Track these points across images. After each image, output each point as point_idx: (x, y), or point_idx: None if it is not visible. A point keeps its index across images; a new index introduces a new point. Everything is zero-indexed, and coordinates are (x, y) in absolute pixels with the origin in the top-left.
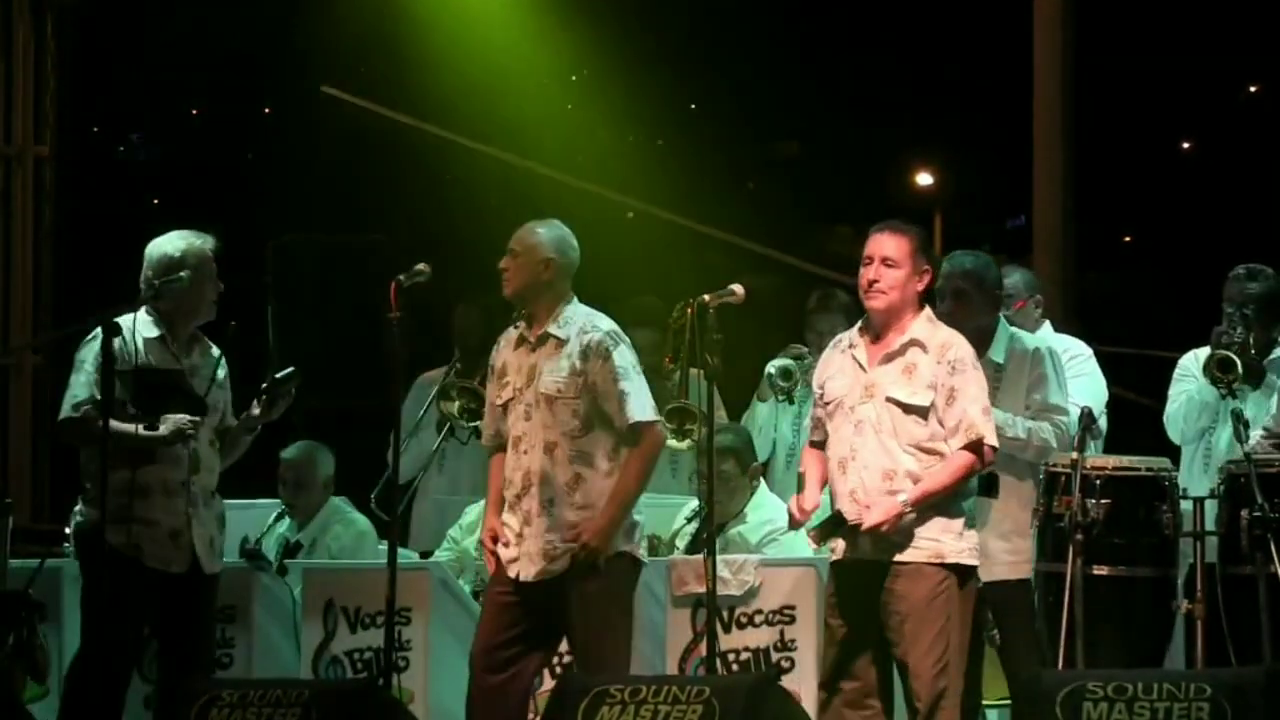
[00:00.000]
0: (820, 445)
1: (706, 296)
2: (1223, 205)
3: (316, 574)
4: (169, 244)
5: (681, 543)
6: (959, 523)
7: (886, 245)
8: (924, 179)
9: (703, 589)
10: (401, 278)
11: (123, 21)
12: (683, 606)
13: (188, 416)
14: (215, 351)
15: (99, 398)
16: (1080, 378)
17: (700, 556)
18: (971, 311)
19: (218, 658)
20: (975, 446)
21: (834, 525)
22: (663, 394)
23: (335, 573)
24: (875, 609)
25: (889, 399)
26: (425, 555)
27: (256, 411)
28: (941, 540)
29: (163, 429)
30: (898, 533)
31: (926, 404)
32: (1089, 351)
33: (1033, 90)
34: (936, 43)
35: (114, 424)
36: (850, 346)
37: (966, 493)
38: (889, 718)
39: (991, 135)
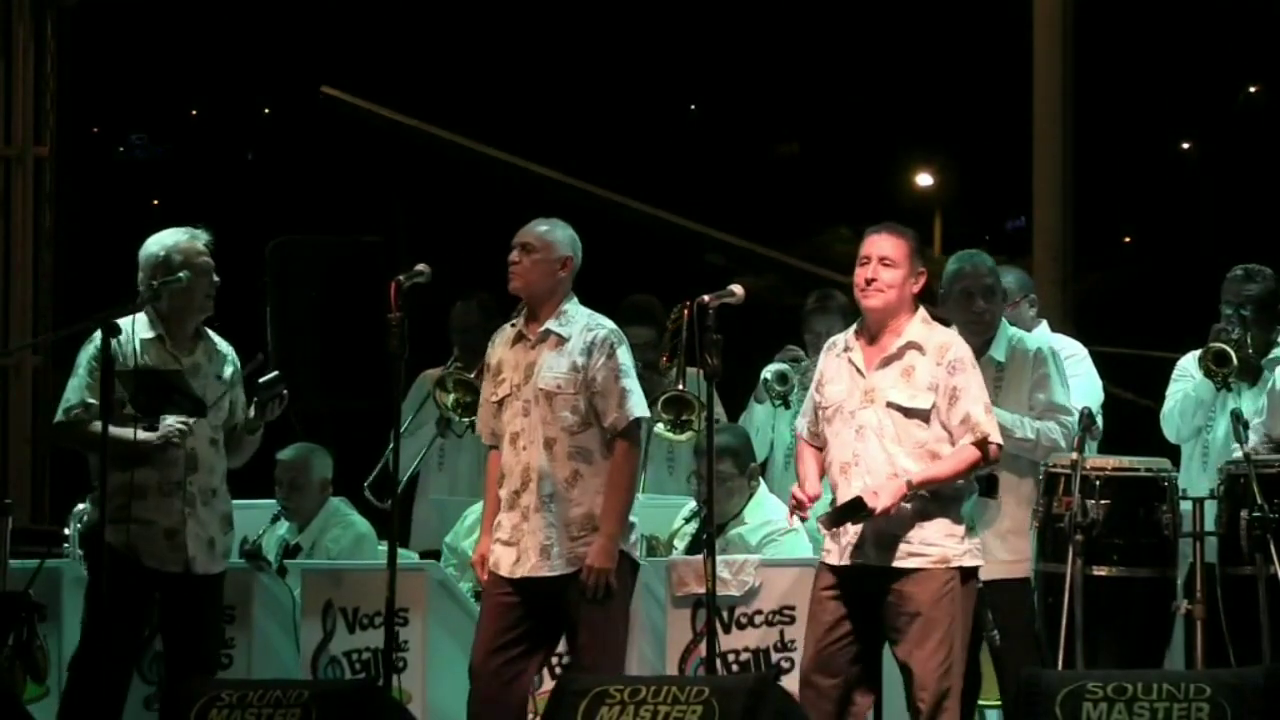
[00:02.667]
0: (815, 446)
1: (706, 297)
2: (1222, 205)
3: (315, 574)
4: (157, 243)
5: (680, 543)
6: (961, 527)
7: (884, 245)
8: (924, 179)
9: (702, 589)
10: (401, 278)
11: (123, 21)
12: (682, 607)
13: (178, 422)
14: (223, 348)
15: (90, 401)
16: (1075, 378)
17: (700, 557)
18: (1000, 308)
19: (219, 656)
20: (981, 444)
21: (849, 511)
22: (658, 388)
23: (334, 573)
24: (873, 613)
25: (889, 404)
26: (425, 556)
27: (250, 415)
28: (945, 545)
29: (153, 434)
30: (903, 538)
31: (928, 406)
32: (1084, 352)
33: (1033, 90)
34: (936, 43)
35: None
36: (846, 350)
37: (965, 496)
38: (874, 714)
39: (991, 135)
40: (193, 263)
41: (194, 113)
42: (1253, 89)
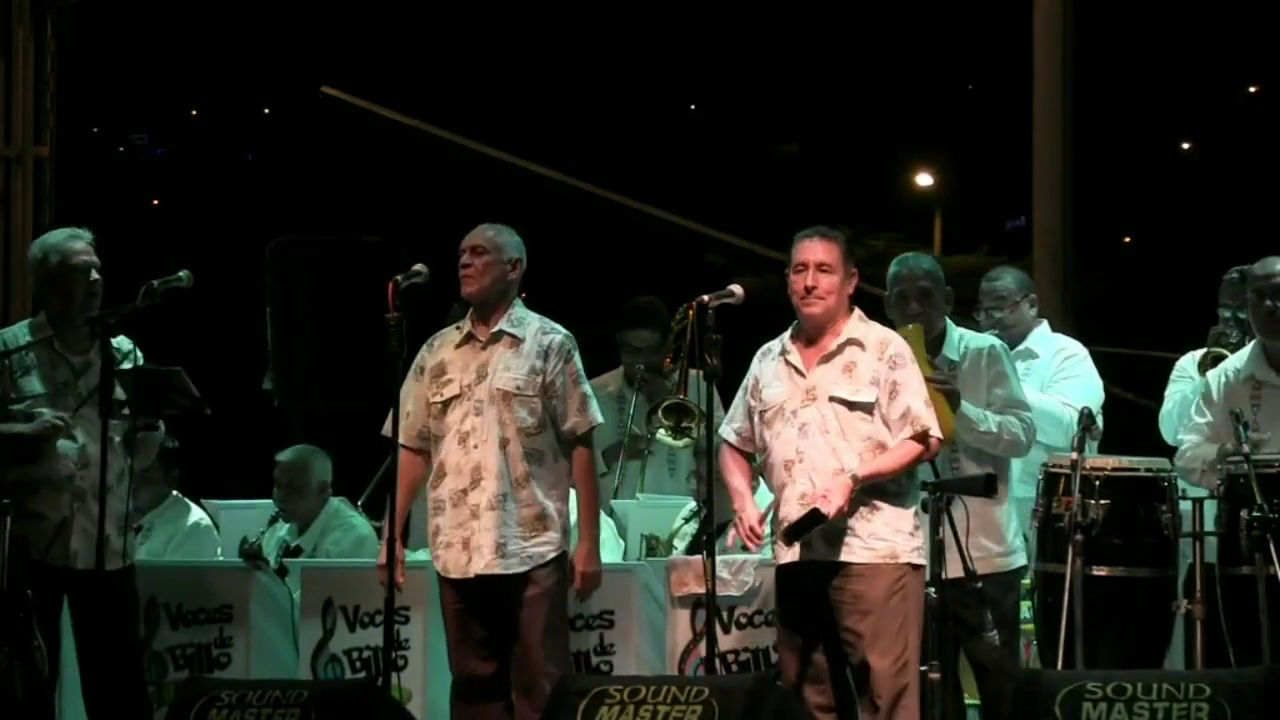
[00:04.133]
0: (742, 452)
1: (706, 297)
2: (1222, 205)
3: (315, 573)
4: (38, 244)
5: (680, 543)
6: (909, 521)
7: (818, 251)
8: (924, 179)
9: (702, 589)
10: (399, 278)
11: (123, 21)
12: (682, 607)
13: (52, 413)
14: (125, 347)
15: None
16: (1075, 378)
17: (699, 557)
18: (938, 309)
19: (215, 657)
20: (921, 437)
21: (807, 522)
22: (661, 392)
23: (334, 571)
24: (827, 609)
25: (833, 398)
26: None
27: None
28: (894, 540)
29: (28, 426)
30: (852, 532)
31: (871, 400)
32: (1084, 352)
33: (1033, 90)
34: (937, 43)
35: None
36: (783, 353)
37: (913, 489)
38: (851, 713)
39: (991, 135)
40: (70, 262)
41: (194, 113)
42: (1253, 89)
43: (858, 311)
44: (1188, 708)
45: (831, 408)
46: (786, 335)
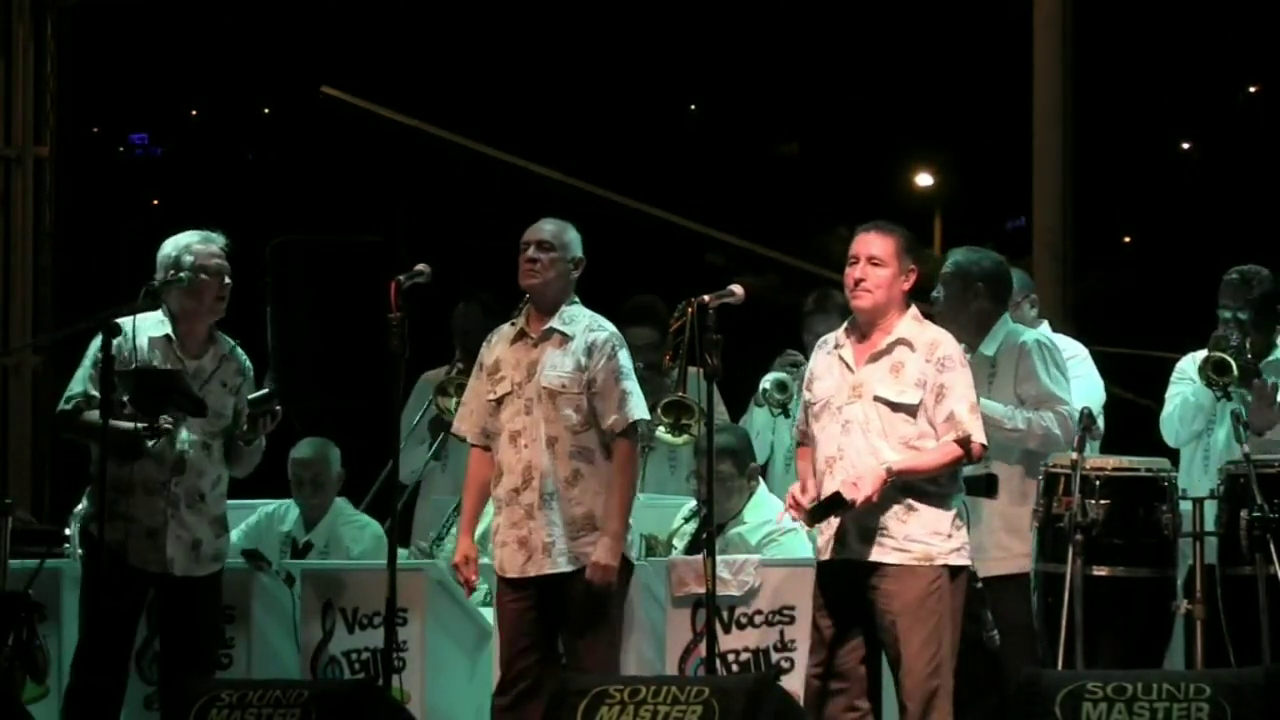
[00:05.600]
0: (808, 445)
1: (706, 296)
2: (1222, 205)
3: (315, 574)
4: (171, 244)
5: (680, 543)
6: (947, 523)
7: (872, 244)
8: (924, 179)
9: (702, 589)
10: (401, 278)
11: (123, 21)
12: (682, 607)
13: (165, 420)
14: (238, 355)
15: (92, 392)
16: (1076, 378)
17: (700, 557)
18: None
19: (216, 658)
20: (963, 442)
21: (830, 506)
22: (660, 390)
23: (334, 573)
24: (864, 608)
25: (877, 398)
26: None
27: (244, 429)
28: (930, 542)
29: (135, 427)
30: (887, 533)
31: (915, 402)
32: (1085, 352)
33: (1033, 90)
34: (937, 43)
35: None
36: (837, 347)
37: (954, 491)
38: (877, 717)
39: (991, 135)
40: (204, 264)
41: (194, 113)
42: (1253, 89)
43: (914, 309)
44: (1188, 708)
45: (875, 407)
46: (842, 329)
